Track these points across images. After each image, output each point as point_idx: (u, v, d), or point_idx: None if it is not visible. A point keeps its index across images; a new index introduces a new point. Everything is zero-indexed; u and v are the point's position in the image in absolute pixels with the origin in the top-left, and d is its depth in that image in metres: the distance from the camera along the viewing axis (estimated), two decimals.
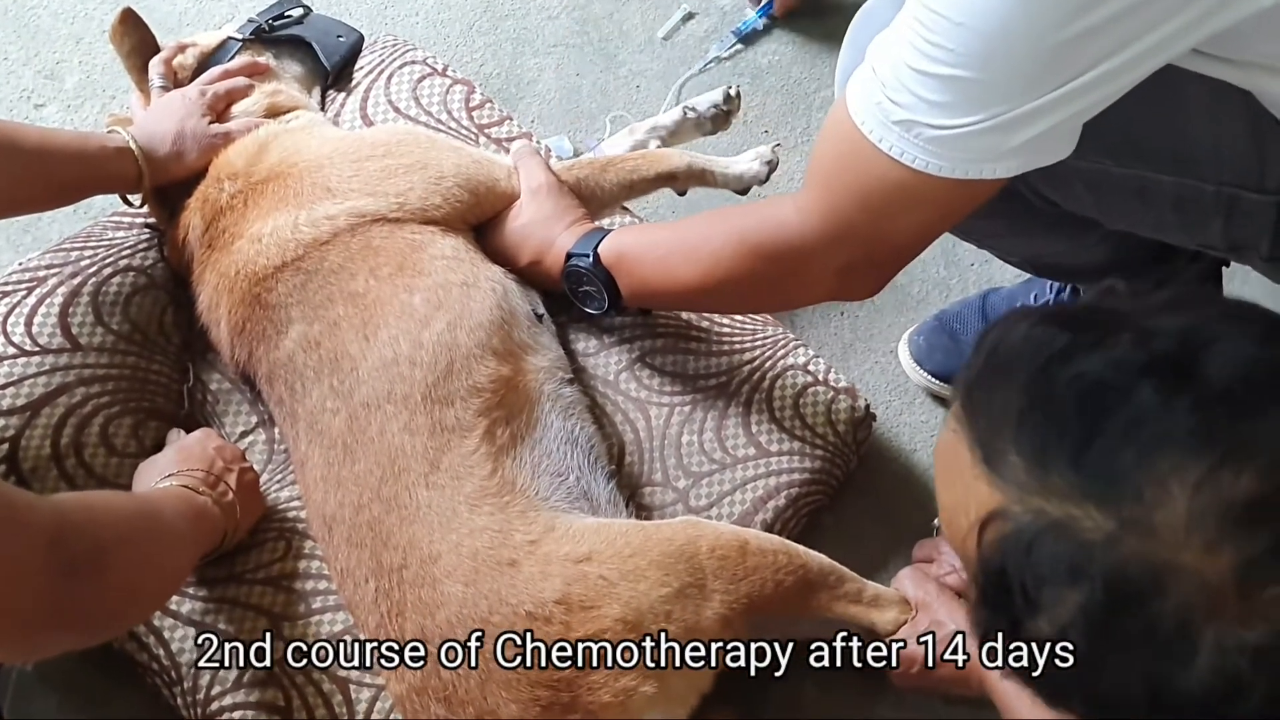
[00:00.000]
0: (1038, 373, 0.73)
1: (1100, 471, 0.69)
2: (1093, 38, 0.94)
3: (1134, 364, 0.70)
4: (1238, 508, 0.65)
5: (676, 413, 1.57)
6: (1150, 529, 0.66)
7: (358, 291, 1.44)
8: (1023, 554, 0.71)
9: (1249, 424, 0.67)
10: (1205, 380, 0.68)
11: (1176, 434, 0.67)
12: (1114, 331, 0.73)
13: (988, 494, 0.73)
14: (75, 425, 1.49)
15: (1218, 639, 0.65)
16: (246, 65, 1.69)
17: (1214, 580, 0.65)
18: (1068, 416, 0.71)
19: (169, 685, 1.42)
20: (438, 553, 1.31)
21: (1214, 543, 0.65)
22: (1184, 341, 0.70)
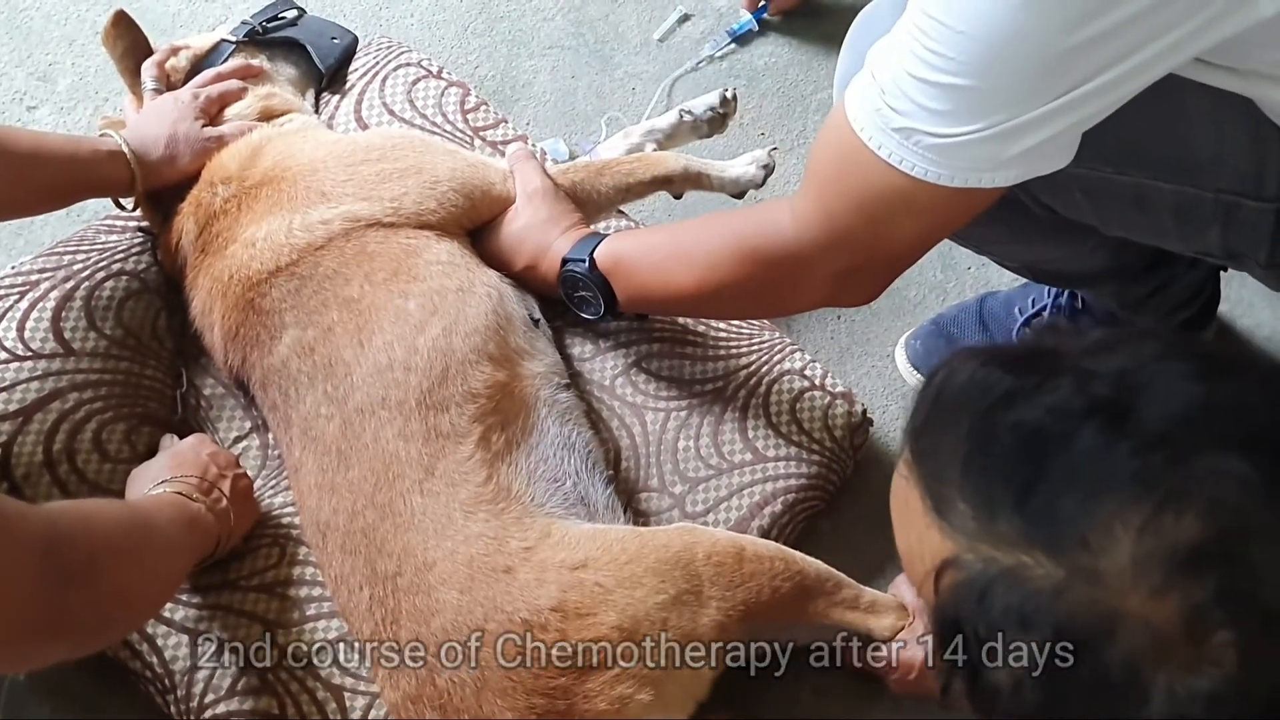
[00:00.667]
0: (980, 418, 0.73)
1: (1045, 518, 0.68)
2: (1094, 48, 0.93)
3: (1073, 409, 0.70)
4: (1181, 552, 0.65)
5: (673, 418, 1.56)
6: (1097, 576, 0.66)
7: (352, 297, 1.43)
8: (975, 603, 0.71)
9: (1187, 466, 0.66)
10: (1142, 423, 0.68)
11: (1117, 479, 0.67)
12: (1054, 375, 0.72)
13: (939, 542, 0.73)
14: (68, 431, 1.48)
15: (1169, 686, 0.65)
16: (240, 68, 1.68)
17: (1162, 627, 0.65)
18: (1011, 463, 0.71)
19: (162, 693, 1.41)
20: (432, 560, 1.30)
21: (1159, 589, 0.65)
22: (1120, 384, 0.70)
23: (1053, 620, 0.67)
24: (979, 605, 0.70)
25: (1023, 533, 0.69)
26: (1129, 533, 0.66)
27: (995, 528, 0.70)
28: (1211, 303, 1.72)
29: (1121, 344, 0.74)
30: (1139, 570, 0.65)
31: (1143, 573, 0.65)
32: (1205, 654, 0.64)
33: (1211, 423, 0.68)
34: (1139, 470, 0.67)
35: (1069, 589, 0.67)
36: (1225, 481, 0.65)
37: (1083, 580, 0.67)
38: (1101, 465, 0.68)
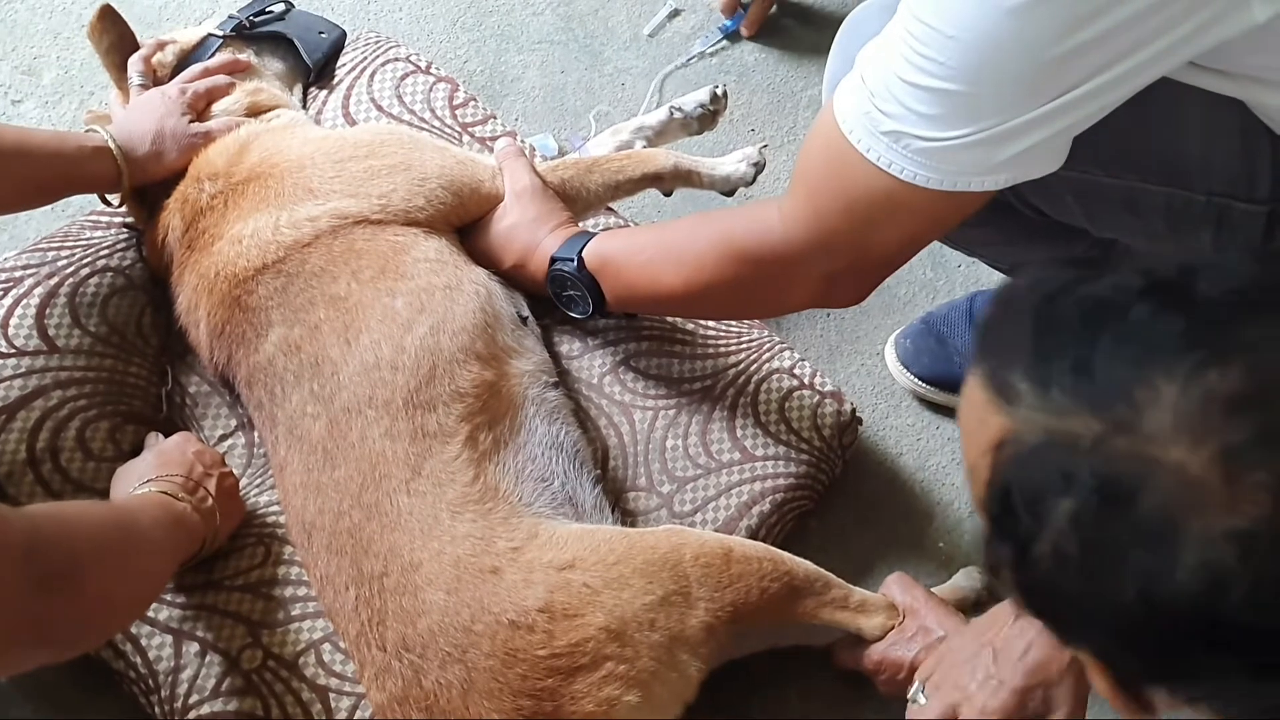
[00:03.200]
0: (1045, 301, 0.75)
1: (1095, 381, 0.70)
2: (1084, 53, 0.93)
3: (1133, 287, 0.72)
4: (1221, 401, 0.66)
5: (661, 417, 1.55)
6: (1138, 428, 0.68)
7: (339, 295, 1.42)
8: (1024, 468, 0.73)
9: (1235, 328, 0.68)
10: (1195, 294, 0.70)
11: (1166, 341, 0.69)
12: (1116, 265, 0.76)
13: (998, 424, 0.75)
14: (51, 429, 1.47)
15: (1203, 530, 0.66)
16: (227, 63, 1.67)
17: (1198, 472, 0.66)
18: (1068, 336, 0.73)
19: (146, 693, 1.40)
20: (419, 560, 1.30)
21: (1199, 436, 0.66)
22: (1181, 268, 0.73)
23: (1092, 472, 0.69)
24: (1027, 469, 0.72)
25: (1073, 397, 0.71)
26: (1172, 386, 0.67)
27: (1049, 397, 0.72)
28: None
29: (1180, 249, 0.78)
30: (1179, 419, 0.67)
31: (1182, 421, 0.67)
32: (1239, 496, 0.65)
33: (1260, 294, 0.70)
34: (1186, 331, 0.69)
35: (1109, 441, 0.69)
36: (1267, 341, 0.67)
37: (1124, 433, 0.68)
38: (1152, 330, 0.70)
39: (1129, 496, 0.68)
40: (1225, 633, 0.67)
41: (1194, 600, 0.67)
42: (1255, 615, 0.66)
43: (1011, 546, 0.74)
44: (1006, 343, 0.77)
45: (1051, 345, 0.73)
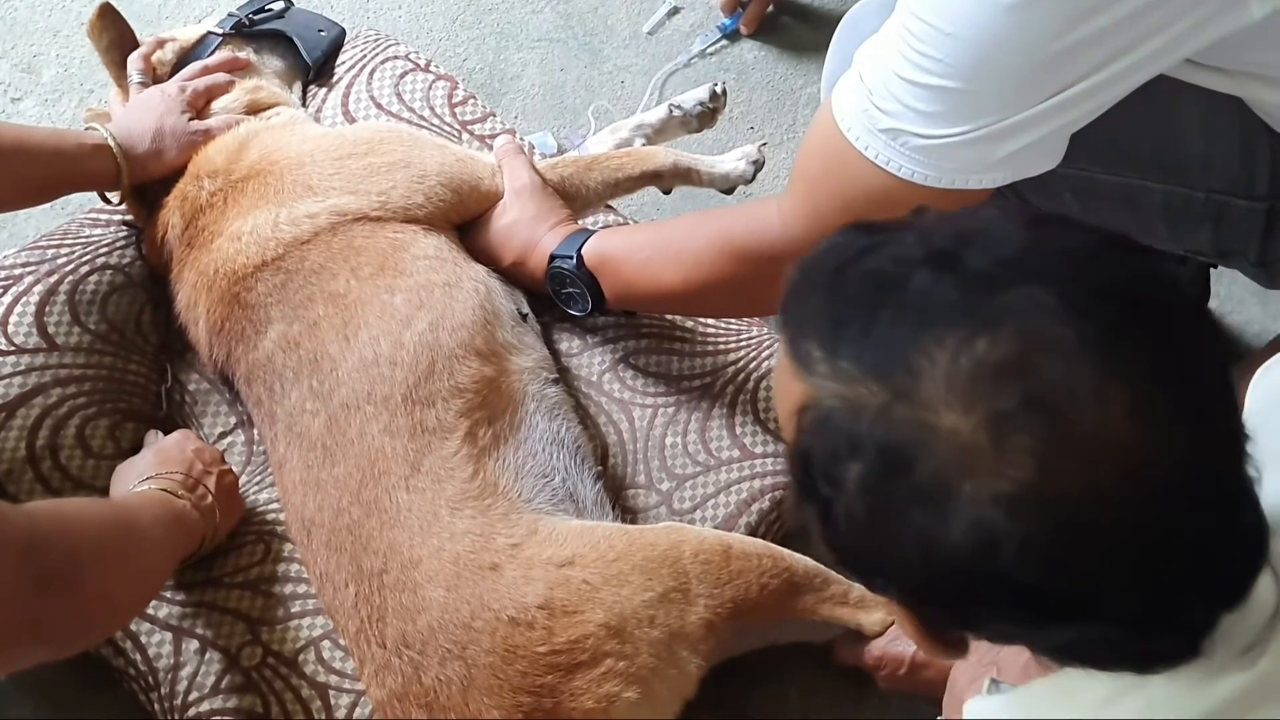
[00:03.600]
0: (836, 273, 0.79)
1: (878, 351, 0.74)
2: (1082, 51, 0.93)
3: (913, 257, 0.76)
4: (989, 369, 0.70)
5: (660, 414, 1.55)
6: (916, 395, 0.71)
7: (338, 291, 1.42)
8: (818, 435, 0.76)
9: (1003, 296, 0.71)
10: (968, 263, 0.74)
11: (940, 310, 0.72)
12: (902, 233, 0.79)
13: (800, 390, 0.79)
14: (51, 427, 1.47)
15: (973, 492, 0.70)
16: (226, 61, 1.67)
17: (968, 437, 0.70)
18: (855, 306, 0.77)
19: (146, 690, 1.40)
20: (418, 557, 1.30)
21: (969, 403, 0.70)
22: (957, 237, 0.76)
23: (875, 439, 0.73)
24: (820, 434, 0.76)
25: (860, 366, 0.74)
26: (944, 354, 0.71)
27: (839, 366, 0.76)
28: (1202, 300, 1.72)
29: (968, 213, 0.82)
30: (951, 387, 0.70)
31: (954, 389, 0.70)
32: (1006, 460, 0.69)
33: (1027, 262, 0.73)
34: (959, 301, 0.72)
35: (890, 409, 0.72)
36: (1032, 308, 0.71)
37: (903, 400, 0.72)
38: (929, 299, 0.73)
39: (908, 461, 0.72)
40: (999, 586, 0.72)
41: (968, 558, 0.71)
42: (1024, 571, 0.70)
43: (815, 507, 0.78)
44: (804, 312, 0.81)
45: (841, 315, 0.77)
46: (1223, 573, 0.74)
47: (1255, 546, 0.76)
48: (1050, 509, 0.69)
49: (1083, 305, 0.71)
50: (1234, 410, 0.75)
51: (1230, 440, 0.73)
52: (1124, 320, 0.71)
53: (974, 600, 0.75)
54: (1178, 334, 0.73)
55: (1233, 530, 0.73)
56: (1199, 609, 0.74)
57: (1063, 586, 0.71)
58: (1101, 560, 0.70)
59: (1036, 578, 0.71)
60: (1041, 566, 0.70)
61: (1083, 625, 0.74)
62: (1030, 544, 0.69)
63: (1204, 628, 0.75)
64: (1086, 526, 0.69)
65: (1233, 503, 0.73)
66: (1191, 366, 0.73)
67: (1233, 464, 0.73)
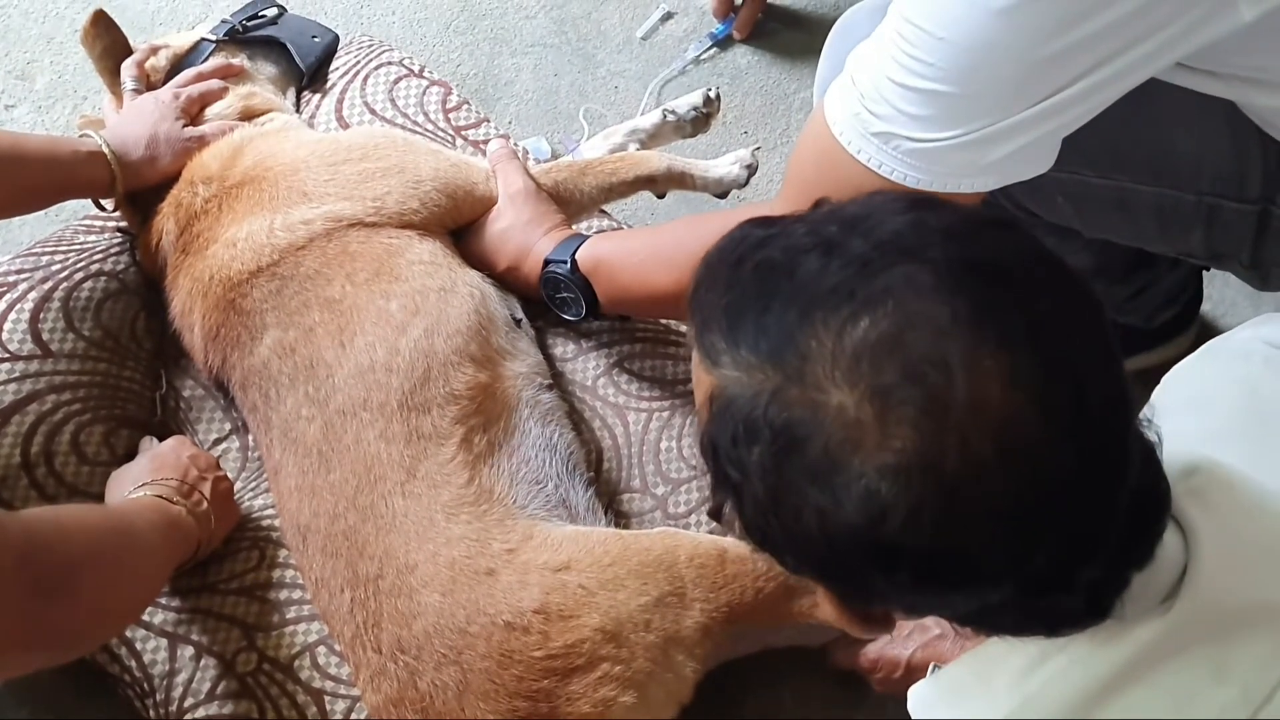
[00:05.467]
0: (732, 266, 0.82)
1: (772, 337, 0.77)
2: (1074, 54, 0.93)
3: (802, 246, 0.79)
4: (869, 347, 0.73)
5: (655, 418, 1.56)
6: (806, 377, 0.74)
7: (334, 297, 1.42)
8: (722, 422, 0.79)
9: (880, 277, 0.74)
10: (850, 248, 0.77)
11: (825, 294, 0.75)
12: (795, 224, 0.82)
13: (708, 381, 0.81)
14: (46, 433, 1.47)
15: (861, 465, 0.72)
16: (220, 67, 1.67)
17: (855, 414, 0.72)
18: (750, 296, 0.79)
19: (141, 697, 1.40)
20: (414, 562, 1.30)
21: (853, 379, 0.73)
22: (843, 224, 0.79)
23: (769, 421, 0.75)
24: (723, 421, 0.79)
25: (756, 354, 0.77)
26: (829, 335, 0.74)
27: (740, 355, 0.78)
28: (1194, 302, 1.72)
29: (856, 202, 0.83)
30: (836, 365, 0.73)
31: (839, 367, 0.73)
32: (889, 432, 0.72)
33: (906, 243, 0.76)
34: (841, 284, 0.75)
35: (783, 392, 0.75)
36: (908, 286, 0.73)
37: (794, 382, 0.75)
38: (814, 284, 0.76)
39: (801, 441, 0.74)
40: (894, 556, 0.74)
41: (861, 530, 0.74)
42: (915, 539, 0.73)
43: (727, 493, 0.81)
44: (707, 305, 0.83)
45: (739, 306, 0.80)
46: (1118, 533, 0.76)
47: (1154, 507, 0.78)
48: (933, 477, 0.71)
49: (956, 280, 0.73)
50: (1118, 377, 0.77)
51: (1113, 406, 0.76)
52: (995, 293, 0.74)
53: (873, 571, 0.76)
54: (1052, 304, 0.75)
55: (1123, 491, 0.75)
56: (1094, 569, 0.76)
57: (953, 552, 0.74)
58: (986, 524, 0.73)
59: (927, 545, 0.73)
60: (930, 533, 0.73)
61: (981, 591, 0.76)
62: (917, 512, 0.72)
63: (1110, 587, 0.78)
64: (968, 492, 0.72)
65: (1120, 465, 0.75)
66: (1066, 336, 0.75)
67: (1118, 428, 0.76)
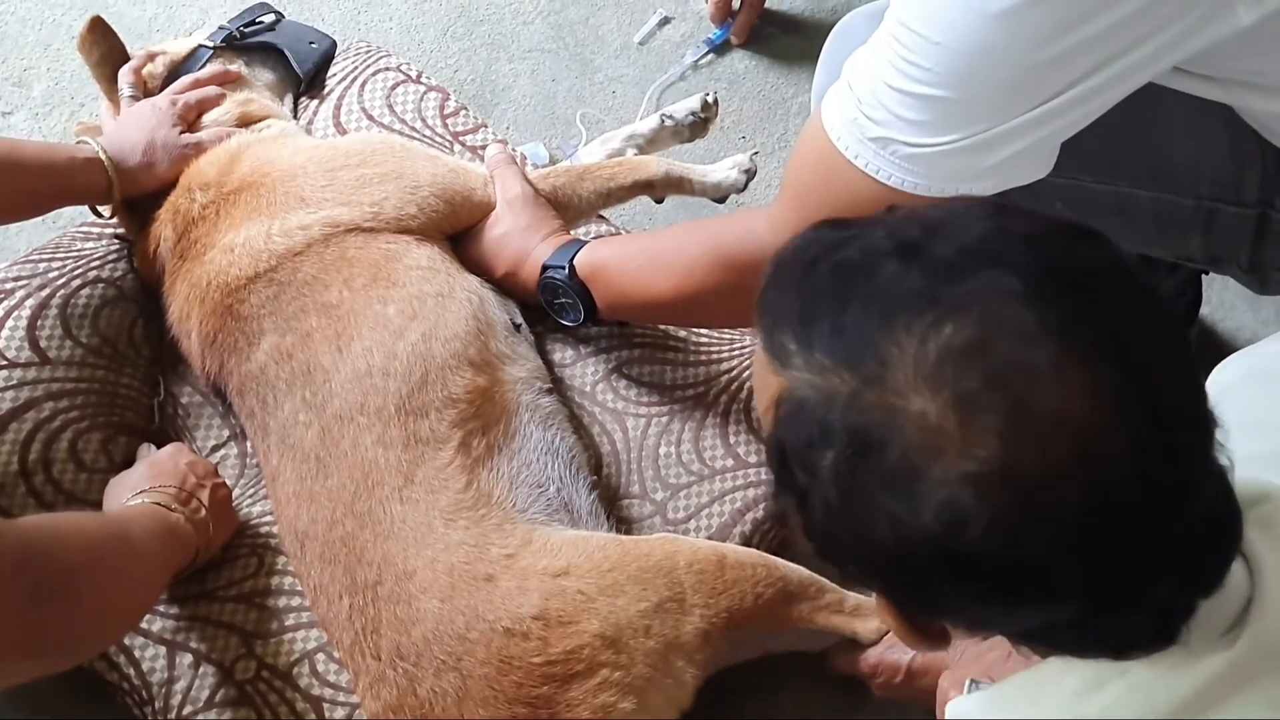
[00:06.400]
0: (807, 267, 0.81)
1: (850, 340, 0.76)
2: (1071, 59, 0.93)
3: (882, 249, 0.78)
4: (954, 352, 0.72)
5: (654, 424, 1.55)
6: (885, 382, 0.73)
7: (331, 303, 1.42)
8: (792, 425, 0.78)
9: (965, 282, 0.73)
10: (933, 253, 0.76)
11: (907, 299, 0.74)
12: (871, 227, 0.81)
13: (776, 383, 0.80)
14: (43, 441, 1.47)
15: (942, 473, 0.71)
16: (217, 74, 1.67)
17: (936, 420, 0.71)
18: (826, 298, 0.78)
19: (140, 704, 1.40)
20: (413, 568, 1.30)
21: (936, 386, 0.72)
22: (924, 228, 0.78)
23: (845, 426, 0.74)
24: (794, 424, 0.78)
25: (832, 356, 0.76)
26: (912, 341, 0.73)
27: (814, 358, 0.77)
28: (1193, 306, 1.72)
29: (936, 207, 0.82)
30: (918, 371, 0.72)
31: (921, 373, 0.72)
32: (972, 440, 0.71)
33: (991, 249, 0.75)
34: (925, 288, 0.74)
35: (860, 396, 0.74)
36: (994, 293, 0.73)
37: (873, 387, 0.74)
38: (896, 288, 0.75)
39: (879, 446, 0.73)
40: (968, 566, 0.73)
41: (937, 538, 0.72)
42: (991, 550, 0.72)
43: (793, 497, 0.80)
44: (778, 307, 0.82)
45: (813, 308, 0.79)
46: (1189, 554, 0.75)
47: (1225, 531, 0.77)
48: (1014, 486, 0.71)
49: (1042, 288, 0.73)
50: (1197, 395, 0.76)
51: (1192, 423, 0.75)
52: (1082, 302, 0.73)
53: (945, 582, 0.76)
54: (1135, 317, 0.75)
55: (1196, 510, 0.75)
56: (1165, 588, 0.75)
57: (1029, 563, 0.73)
58: (1063, 537, 0.72)
59: (1003, 556, 0.72)
60: (1007, 544, 0.72)
61: (1052, 606, 0.75)
62: (997, 522, 0.71)
63: (1178, 612, 0.77)
64: (1048, 502, 0.71)
65: (1195, 483, 0.75)
66: (1149, 349, 0.74)
67: (1195, 447, 0.75)
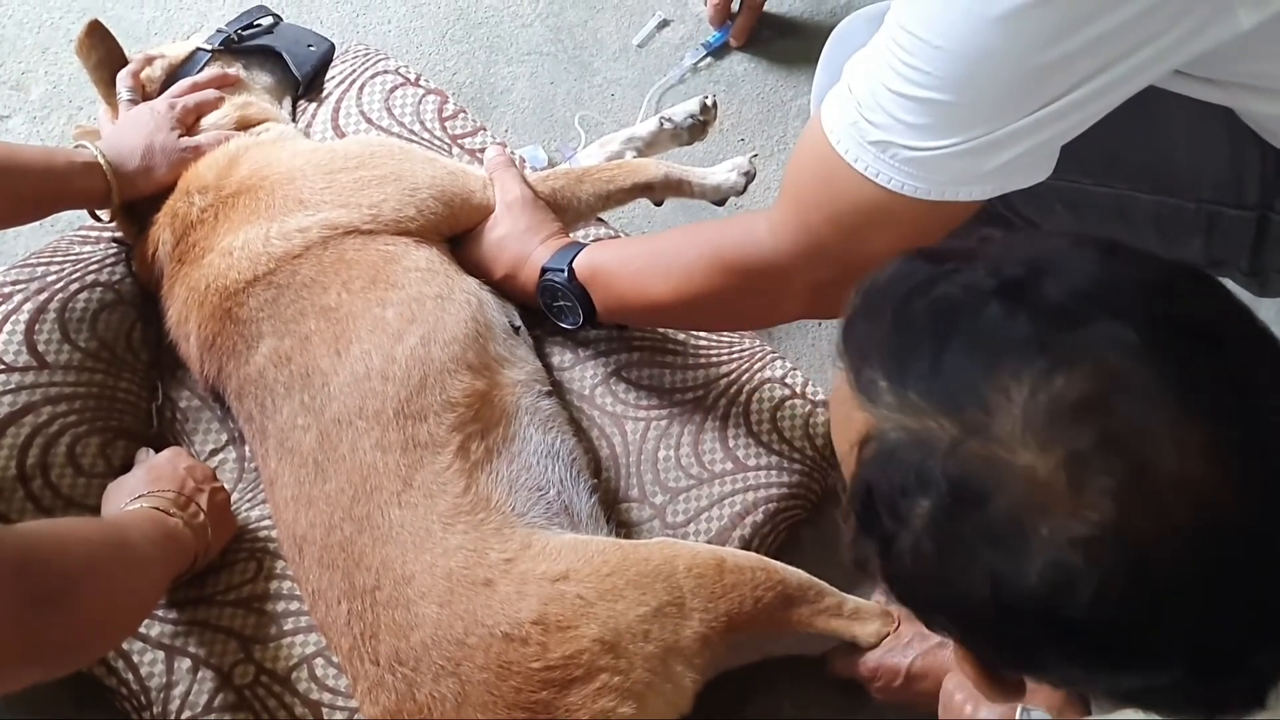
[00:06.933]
0: (901, 301, 0.77)
1: (949, 384, 0.72)
2: (1071, 62, 0.93)
3: (984, 287, 0.74)
4: (1066, 407, 0.68)
5: (653, 427, 1.55)
6: (990, 432, 0.70)
7: (330, 305, 1.42)
8: (883, 468, 0.75)
9: (1078, 332, 0.70)
10: (1043, 296, 0.72)
11: (1015, 345, 0.71)
12: (971, 260, 0.77)
13: (862, 420, 0.77)
14: (42, 445, 1.46)
15: (1050, 533, 0.68)
16: (216, 77, 1.67)
17: (1046, 477, 0.68)
18: (923, 336, 0.75)
19: (138, 710, 1.39)
20: (411, 573, 1.29)
21: (1046, 441, 0.68)
22: (1030, 266, 0.74)
23: (946, 475, 0.71)
24: (886, 469, 0.74)
25: (929, 399, 0.73)
26: (1021, 391, 0.69)
27: (907, 398, 0.74)
28: None
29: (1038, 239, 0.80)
30: (1028, 424, 0.69)
31: (1031, 427, 0.69)
32: (1084, 501, 0.67)
33: (1103, 295, 0.72)
34: (1034, 336, 0.71)
35: (963, 445, 0.71)
36: (1110, 345, 0.69)
37: (977, 437, 0.70)
38: (1002, 333, 0.72)
39: (981, 499, 0.70)
40: (1072, 630, 0.70)
41: (1042, 600, 0.69)
42: (1100, 615, 0.69)
43: (876, 542, 0.77)
44: (868, 339, 0.79)
45: (908, 345, 0.76)
46: None
47: None
48: (1128, 552, 0.67)
49: (1161, 343, 0.69)
50: None
51: None
52: (1202, 359, 0.70)
53: (1044, 644, 0.72)
54: (1254, 373, 0.71)
55: None
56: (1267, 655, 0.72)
57: (1136, 631, 0.70)
58: (1176, 604, 0.69)
59: (1110, 621, 0.69)
60: (1116, 610, 0.69)
61: (1155, 670, 0.72)
62: (1107, 587, 0.68)
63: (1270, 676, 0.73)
64: (1162, 570, 0.68)
65: None
66: (1268, 407, 0.70)
67: None
